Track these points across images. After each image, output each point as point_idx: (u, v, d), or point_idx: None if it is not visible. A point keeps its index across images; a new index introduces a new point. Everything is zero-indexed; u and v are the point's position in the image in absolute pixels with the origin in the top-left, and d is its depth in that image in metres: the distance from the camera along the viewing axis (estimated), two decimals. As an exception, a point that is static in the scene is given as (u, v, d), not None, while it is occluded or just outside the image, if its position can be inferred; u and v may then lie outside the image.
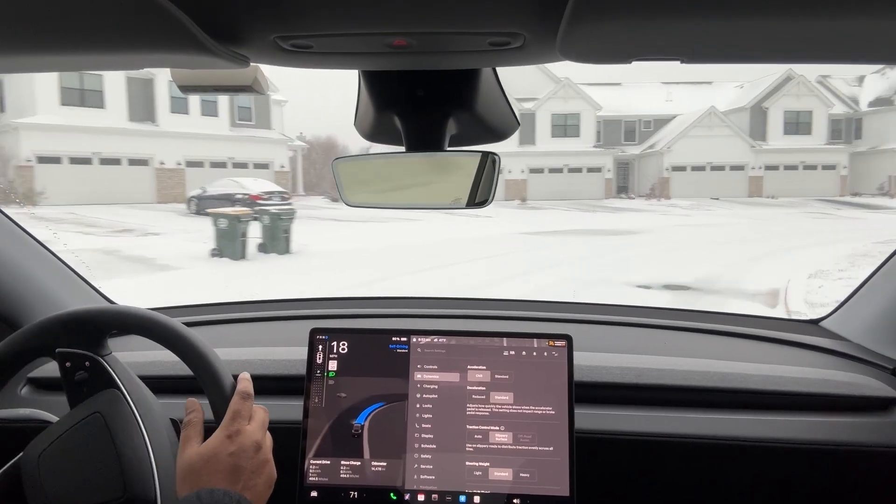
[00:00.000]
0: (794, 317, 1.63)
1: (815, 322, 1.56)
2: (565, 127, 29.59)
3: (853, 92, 30.93)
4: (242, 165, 24.14)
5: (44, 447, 0.88)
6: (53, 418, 0.98)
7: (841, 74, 31.40)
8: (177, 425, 0.93)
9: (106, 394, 0.90)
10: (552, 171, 29.16)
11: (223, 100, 23.24)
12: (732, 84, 32.97)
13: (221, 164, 23.63)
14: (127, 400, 0.90)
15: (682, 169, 29.48)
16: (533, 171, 28.75)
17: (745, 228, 15.69)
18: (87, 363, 0.91)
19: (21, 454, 0.91)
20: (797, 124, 29.63)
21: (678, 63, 0.70)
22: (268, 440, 0.88)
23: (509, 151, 25.01)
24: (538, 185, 28.57)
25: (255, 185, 18.23)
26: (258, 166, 24.67)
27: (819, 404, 1.19)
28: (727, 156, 28.96)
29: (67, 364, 0.91)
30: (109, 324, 0.92)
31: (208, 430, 0.87)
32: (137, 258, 10.30)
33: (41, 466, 0.87)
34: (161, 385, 1.12)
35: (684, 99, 31.61)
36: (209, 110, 23.56)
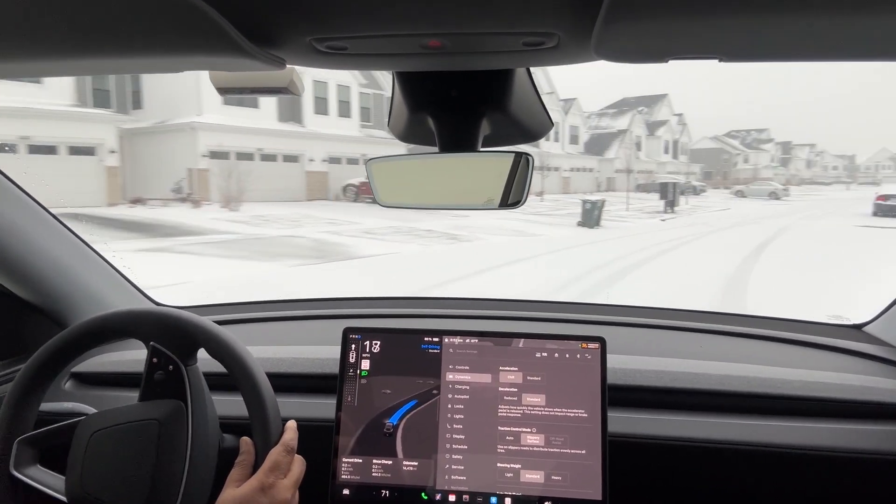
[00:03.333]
0: (835, 321, 1.58)
1: (857, 327, 1.51)
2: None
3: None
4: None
5: (99, 428, 0.93)
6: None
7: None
8: (225, 455, 0.97)
9: (171, 404, 0.94)
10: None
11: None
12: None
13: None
14: (188, 417, 0.94)
15: None
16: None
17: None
18: (170, 367, 0.96)
19: (79, 421, 0.95)
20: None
21: (716, 62, 0.69)
22: (296, 498, 0.92)
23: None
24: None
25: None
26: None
27: (862, 412, 1.15)
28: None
29: (154, 360, 0.96)
30: (203, 342, 0.97)
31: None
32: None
33: (89, 444, 0.92)
34: None
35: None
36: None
